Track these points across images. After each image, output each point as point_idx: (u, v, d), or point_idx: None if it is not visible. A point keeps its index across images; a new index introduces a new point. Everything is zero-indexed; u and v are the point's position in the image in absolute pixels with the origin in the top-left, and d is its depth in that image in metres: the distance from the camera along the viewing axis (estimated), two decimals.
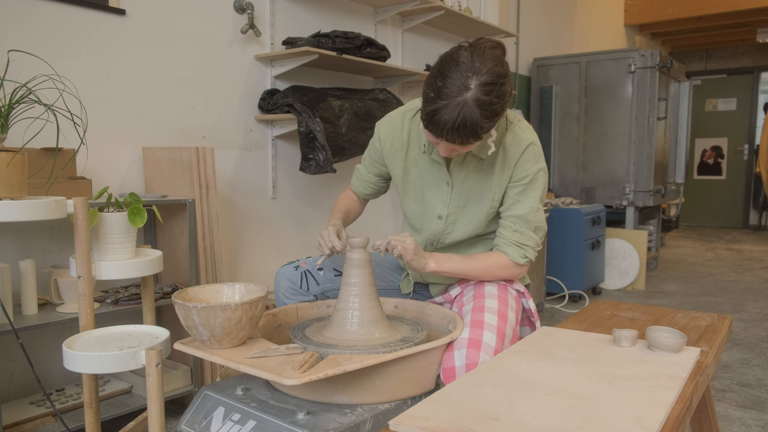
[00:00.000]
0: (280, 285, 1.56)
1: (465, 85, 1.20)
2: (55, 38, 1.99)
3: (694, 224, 8.64)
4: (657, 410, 0.93)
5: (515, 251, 1.46)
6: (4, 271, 1.63)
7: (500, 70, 1.24)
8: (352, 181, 1.72)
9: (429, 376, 1.25)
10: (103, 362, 1.24)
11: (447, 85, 1.21)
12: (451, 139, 1.25)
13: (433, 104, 1.23)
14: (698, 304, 3.95)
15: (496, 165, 1.44)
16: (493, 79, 1.22)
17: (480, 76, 1.21)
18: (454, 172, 1.47)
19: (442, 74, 1.23)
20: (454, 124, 1.21)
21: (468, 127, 1.21)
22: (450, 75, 1.22)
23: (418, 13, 3.39)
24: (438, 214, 1.50)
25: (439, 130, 1.24)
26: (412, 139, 1.52)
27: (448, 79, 1.22)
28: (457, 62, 1.23)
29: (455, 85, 1.21)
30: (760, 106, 8.09)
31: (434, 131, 1.25)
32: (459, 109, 1.20)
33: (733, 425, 2.10)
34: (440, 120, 1.22)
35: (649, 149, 4.39)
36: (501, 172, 1.44)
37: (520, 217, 1.45)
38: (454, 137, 1.24)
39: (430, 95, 1.23)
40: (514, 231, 1.45)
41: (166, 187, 2.19)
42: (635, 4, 6.83)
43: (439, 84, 1.22)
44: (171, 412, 2.13)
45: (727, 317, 1.56)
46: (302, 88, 2.65)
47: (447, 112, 1.21)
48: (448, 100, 1.21)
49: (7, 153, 1.29)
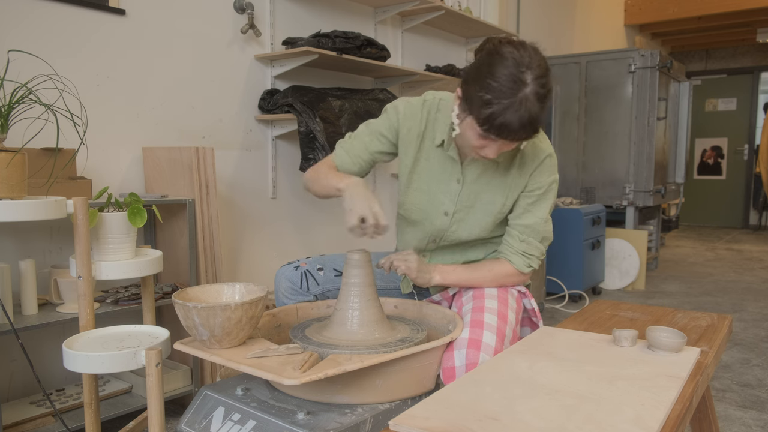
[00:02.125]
0: (280, 285, 1.56)
1: (521, 80, 1.16)
2: (55, 38, 1.99)
3: (694, 224, 8.64)
4: (657, 410, 0.93)
5: (521, 260, 1.46)
6: (4, 271, 1.63)
7: (544, 61, 1.21)
8: (338, 154, 1.54)
9: (429, 376, 1.25)
10: (103, 362, 1.24)
11: (502, 84, 1.17)
12: (516, 138, 1.21)
13: (492, 106, 1.17)
14: (698, 304, 3.95)
15: (512, 171, 1.43)
16: (545, 71, 1.19)
17: (533, 69, 1.18)
18: (467, 171, 1.46)
19: (492, 73, 1.18)
20: (521, 123, 1.17)
21: (533, 123, 1.19)
22: (501, 72, 1.17)
23: (418, 13, 3.39)
24: (444, 210, 1.49)
25: (505, 132, 1.19)
26: (427, 131, 1.48)
27: (500, 76, 1.17)
28: (504, 57, 1.19)
29: (511, 82, 1.16)
30: (760, 106, 8.09)
31: (497, 133, 1.20)
32: (523, 107, 1.16)
33: (733, 425, 2.10)
34: (506, 121, 1.17)
35: (649, 149, 4.39)
36: (517, 178, 1.43)
37: (529, 227, 1.45)
38: (519, 136, 1.20)
39: (486, 97, 1.18)
40: (522, 241, 1.45)
41: (166, 187, 2.19)
42: (635, 4, 6.83)
43: (493, 84, 1.17)
44: (171, 412, 2.13)
45: (727, 317, 1.56)
46: (302, 88, 2.65)
47: (511, 111, 1.16)
48: (509, 98, 1.16)
49: (7, 153, 1.29)
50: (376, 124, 1.53)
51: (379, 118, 1.54)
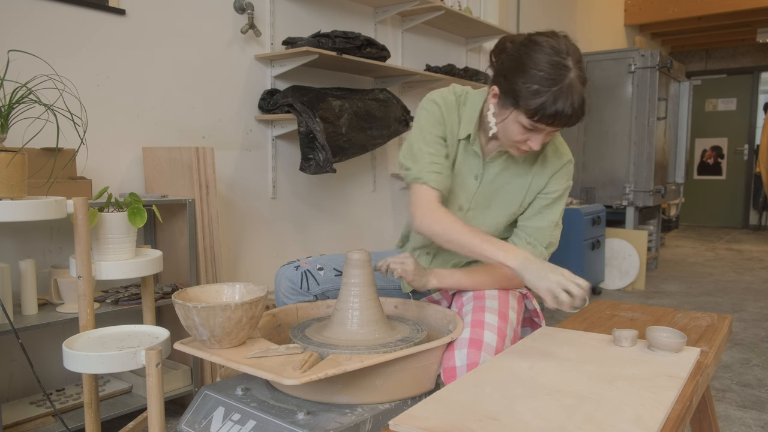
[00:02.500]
0: (281, 285, 1.56)
1: (564, 66, 1.18)
2: (55, 38, 1.99)
3: (694, 224, 8.64)
4: (657, 410, 0.93)
5: None
6: (4, 271, 1.63)
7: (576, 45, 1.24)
8: (432, 179, 1.37)
9: (429, 376, 1.25)
10: (103, 362, 1.24)
11: (547, 72, 1.18)
12: (568, 124, 1.22)
13: (542, 95, 1.18)
14: (698, 304, 3.95)
15: (532, 172, 1.43)
16: (580, 55, 1.22)
17: (572, 54, 1.20)
18: (487, 168, 1.45)
19: (535, 62, 1.19)
20: (573, 108, 1.19)
21: (582, 107, 1.21)
22: (543, 60, 1.19)
23: (418, 13, 3.39)
24: (459, 204, 1.49)
25: (558, 119, 1.20)
26: (460, 124, 1.45)
27: (544, 65, 1.18)
28: (542, 46, 1.21)
29: (556, 69, 1.18)
30: (760, 106, 8.09)
31: (550, 121, 1.21)
32: (572, 92, 1.18)
33: (733, 425, 2.10)
34: (558, 109, 1.18)
35: (649, 149, 4.39)
36: (538, 178, 1.43)
37: (538, 230, 1.45)
38: (572, 121, 1.21)
39: (533, 87, 1.18)
40: (528, 243, 1.45)
41: (166, 187, 2.19)
42: (635, 4, 6.83)
43: (538, 73, 1.18)
44: (171, 412, 2.13)
45: (727, 317, 1.56)
46: (302, 88, 2.65)
47: (562, 98, 1.18)
48: (557, 85, 1.17)
49: (7, 153, 1.29)
50: (430, 129, 1.41)
51: (425, 120, 1.42)
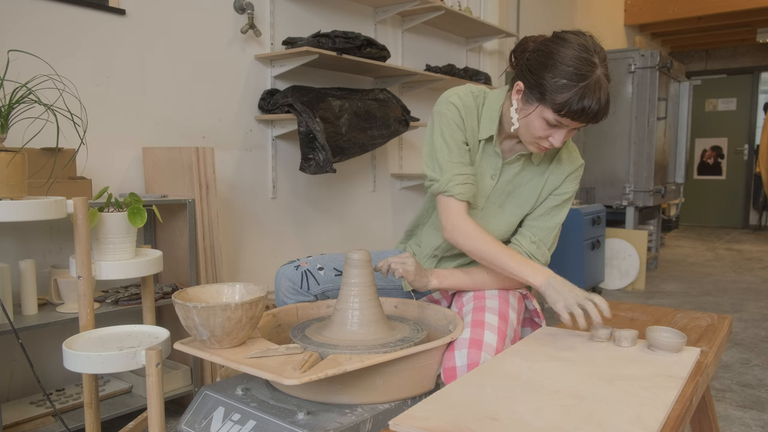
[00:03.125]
0: (281, 284, 1.56)
1: (592, 63, 1.20)
2: (55, 38, 1.99)
3: (694, 224, 8.64)
4: (657, 410, 0.93)
5: None
6: (4, 271, 1.63)
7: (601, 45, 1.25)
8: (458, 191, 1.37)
9: (429, 376, 1.25)
10: (103, 362, 1.24)
11: (575, 68, 1.20)
12: (594, 120, 1.23)
13: (569, 90, 1.20)
14: (698, 304, 3.95)
15: (547, 174, 1.45)
16: (605, 52, 1.24)
17: (599, 52, 1.22)
18: (505, 169, 1.46)
19: (564, 57, 1.21)
20: (599, 105, 1.20)
21: (608, 104, 1.22)
22: (572, 56, 1.21)
23: (418, 13, 3.39)
24: (474, 203, 1.49)
25: (585, 115, 1.22)
26: (478, 125, 1.45)
27: (572, 61, 1.20)
28: (570, 42, 1.23)
29: (584, 65, 1.20)
30: (760, 106, 8.09)
31: (576, 116, 1.22)
32: (599, 88, 1.20)
33: (733, 425, 2.10)
34: (585, 105, 1.20)
35: (649, 149, 4.39)
36: (552, 179, 1.45)
37: (544, 230, 1.46)
38: (598, 117, 1.23)
39: (561, 82, 1.20)
40: (533, 242, 1.45)
41: (166, 187, 2.19)
42: (635, 4, 6.83)
43: (566, 68, 1.20)
44: (171, 412, 2.13)
45: (727, 317, 1.56)
46: (302, 88, 2.65)
47: (590, 94, 1.19)
48: (585, 81, 1.19)
49: (7, 153, 1.29)
50: (451, 134, 1.39)
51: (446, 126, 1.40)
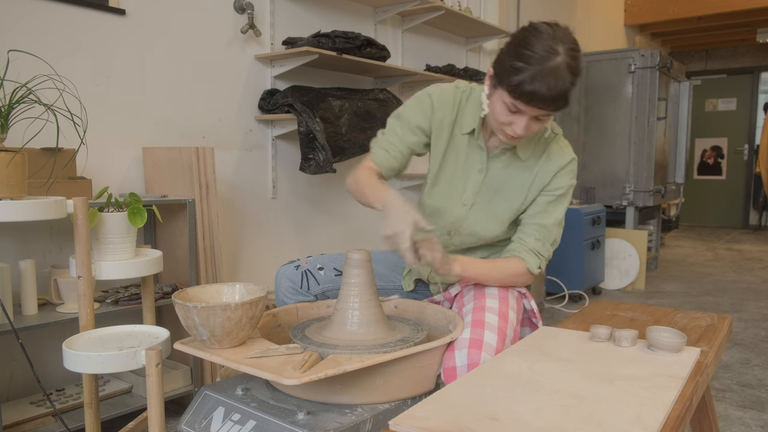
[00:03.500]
0: (281, 284, 1.56)
1: (554, 50, 1.21)
2: (55, 38, 1.99)
3: (694, 224, 8.64)
4: (657, 410, 0.93)
5: (533, 260, 1.45)
6: (4, 271, 1.63)
7: (574, 37, 1.26)
8: (375, 152, 1.49)
9: (429, 376, 1.25)
10: (103, 362, 1.24)
11: (536, 52, 1.21)
12: (544, 106, 1.23)
13: (524, 72, 1.21)
14: (698, 304, 3.95)
15: (536, 169, 1.45)
16: (577, 47, 1.24)
17: (565, 42, 1.22)
18: (491, 163, 1.47)
19: (527, 43, 1.23)
20: (551, 91, 1.20)
21: (563, 93, 1.22)
22: (535, 43, 1.22)
23: (418, 13, 3.39)
24: (464, 200, 1.49)
25: (535, 99, 1.22)
26: (457, 120, 1.48)
27: (534, 46, 1.21)
28: (539, 31, 1.24)
29: (544, 51, 1.21)
30: (760, 106, 8.09)
31: (527, 100, 1.23)
32: (554, 75, 1.20)
33: (733, 425, 2.10)
34: (535, 87, 1.20)
35: (649, 149, 4.39)
36: (541, 175, 1.45)
37: (544, 227, 1.45)
38: (547, 102, 1.22)
39: (518, 65, 1.22)
40: (537, 239, 1.45)
41: (166, 187, 2.19)
42: (635, 4, 6.83)
43: (526, 52, 1.21)
44: (171, 412, 2.13)
45: (727, 317, 1.56)
46: (302, 88, 2.65)
47: (541, 77, 1.20)
48: (541, 65, 1.20)
49: (7, 153, 1.29)
50: (408, 114, 1.49)
51: (410, 107, 1.49)
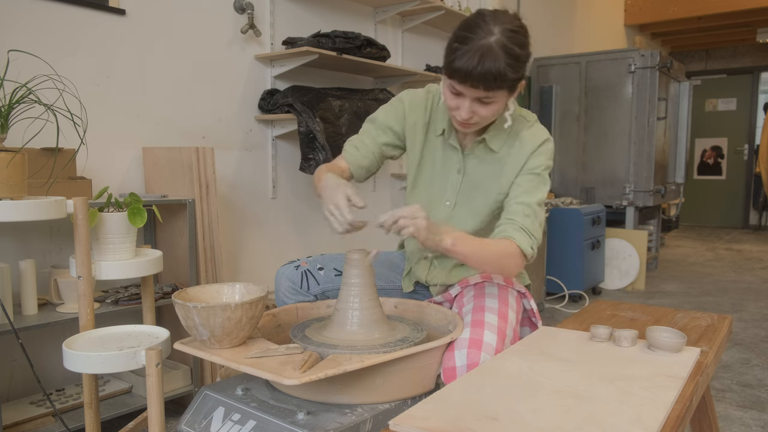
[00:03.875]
0: (281, 284, 1.56)
1: (488, 30, 1.23)
2: (55, 38, 1.99)
3: (694, 224, 8.64)
4: (657, 410, 0.93)
5: (525, 239, 1.35)
6: (4, 271, 1.63)
7: (520, 23, 1.28)
8: (347, 150, 1.52)
9: (429, 376, 1.25)
10: (103, 362, 1.24)
11: (469, 32, 1.24)
12: (475, 84, 1.24)
13: (454, 52, 1.24)
14: (698, 304, 3.95)
15: (510, 157, 1.45)
16: (516, 28, 1.26)
17: (503, 24, 1.24)
18: (467, 161, 1.48)
19: (467, 25, 1.26)
20: (478, 65, 1.22)
21: (493, 69, 1.22)
22: (474, 26, 1.25)
23: (418, 13, 3.39)
24: (446, 200, 1.50)
25: (463, 74, 1.24)
26: (431, 122, 1.51)
27: (472, 29, 1.24)
28: (482, 15, 1.27)
29: (478, 31, 1.23)
30: (760, 106, 8.09)
31: (457, 76, 1.25)
32: (483, 51, 1.22)
33: (733, 425, 2.10)
34: (464, 63, 1.22)
35: (649, 149, 4.39)
36: (514, 162, 1.44)
37: (530, 206, 1.39)
38: (477, 81, 1.23)
39: (454, 45, 1.25)
40: (526, 216, 1.37)
41: (166, 187, 2.19)
42: (635, 4, 6.83)
43: (463, 34, 1.25)
44: (171, 412, 2.13)
45: (727, 317, 1.56)
46: (302, 88, 2.65)
47: (471, 53, 1.22)
48: (468, 44, 1.23)
49: (7, 153, 1.29)
50: (381, 117, 1.53)
51: (383, 110, 1.54)
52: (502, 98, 1.31)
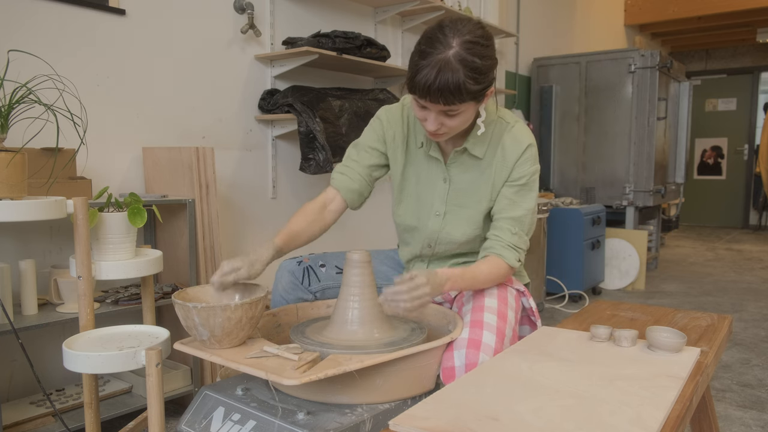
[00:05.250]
0: (282, 278, 1.56)
1: (447, 44, 1.22)
2: (55, 38, 1.99)
3: (694, 224, 8.64)
4: (657, 410, 0.93)
5: (512, 255, 1.43)
6: (4, 271, 1.63)
7: (482, 32, 1.26)
8: (334, 177, 1.53)
9: (429, 376, 1.25)
10: (103, 362, 1.24)
11: (430, 47, 1.22)
12: (434, 99, 1.23)
13: (414, 67, 1.24)
14: (698, 304, 3.95)
15: (494, 164, 1.44)
16: (475, 38, 1.24)
17: (462, 35, 1.23)
18: (451, 169, 1.47)
19: (427, 38, 1.25)
20: (435, 80, 1.21)
21: (451, 84, 1.21)
22: (433, 40, 1.24)
23: (418, 13, 3.39)
24: (435, 211, 1.50)
25: (422, 89, 1.23)
26: (410, 134, 1.51)
27: (431, 42, 1.23)
28: (441, 27, 1.26)
29: (436, 44, 1.22)
30: (760, 106, 8.09)
31: (417, 91, 1.24)
32: (440, 65, 1.20)
33: (733, 425, 2.10)
34: (422, 78, 1.22)
35: (649, 149, 4.39)
36: (499, 171, 1.43)
37: (517, 220, 1.43)
38: (436, 96, 1.22)
39: (414, 59, 1.25)
40: (513, 234, 1.43)
41: (166, 187, 2.19)
42: (635, 4, 6.83)
43: (422, 47, 1.24)
44: (171, 412, 2.13)
45: (727, 317, 1.56)
46: (302, 88, 2.65)
47: (428, 69, 1.21)
48: (426, 59, 1.22)
49: (7, 153, 1.29)
50: (363, 139, 1.55)
51: (364, 133, 1.56)
52: (469, 108, 1.29)
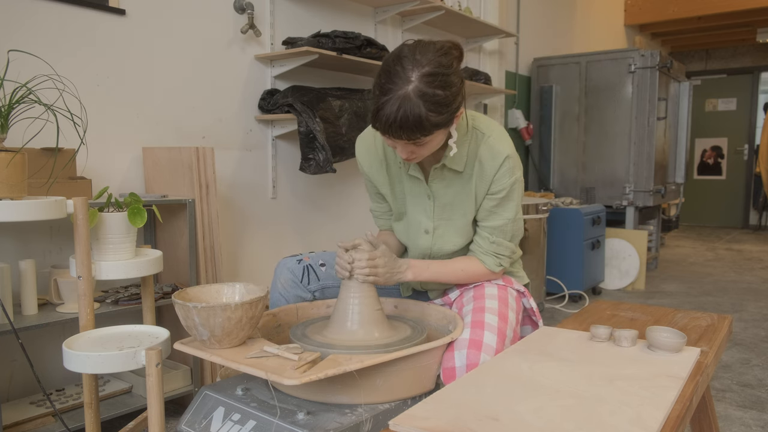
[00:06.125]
0: (281, 275, 1.56)
1: (406, 79, 1.19)
2: (55, 38, 1.99)
3: (694, 224, 8.64)
4: (657, 410, 0.93)
5: (492, 260, 1.46)
6: (4, 271, 1.63)
7: (444, 60, 1.22)
8: (377, 225, 1.67)
9: (429, 376, 1.25)
10: (103, 362, 1.24)
11: (390, 81, 1.20)
12: (396, 135, 1.22)
13: (377, 101, 1.21)
14: (698, 304, 3.95)
15: (474, 177, 1.42)
16: (435, 69, 1.20)
17: (421, 68, 1.19)
18: (433, 186, 1.46)
19: (386, 71, 1.22)
20: (396, 118, 1.18)
21: (411, 120, 1.19)
22: (392, 71, 1.21)
23: (418, 13, 3.39)
24: (424, 228, 1.50)
25: (383, 126, 1.22)
26: (388, 156, 1.50)
27: (390, 74, 1.20)
28: (400, 57, 1.22)
29: (395, 79, 1.19)
30: (760, 106, 8.08)
31: (380, 128, 1.23)
32: (399, 102, 1.18)
33: (733, 425, 2.10)
34: (383, 115, 1.20)
35: (649, 149, 4.39)
36: (479, 183, 1.42)
37: (497, 228, 1.44)
38: (399, 132, 1.21)
39: (376, 93, 1.22)
40: (492, 242, 1.45)
41: (166, 187, 2.19)
42: (635, 4, 6.83)
43: (382, 81, 1.21)
44: (171, 412, 2.13)
45: (727, 317, 1.56)
46: (302, 88, 2.65)
47: (388, 106, 1.19)
48: (389, 95, 1.19)
49: (7, 153, 1.29)
50: (367, 186, 1.61)
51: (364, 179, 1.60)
52: (437, 135, 1.26)
